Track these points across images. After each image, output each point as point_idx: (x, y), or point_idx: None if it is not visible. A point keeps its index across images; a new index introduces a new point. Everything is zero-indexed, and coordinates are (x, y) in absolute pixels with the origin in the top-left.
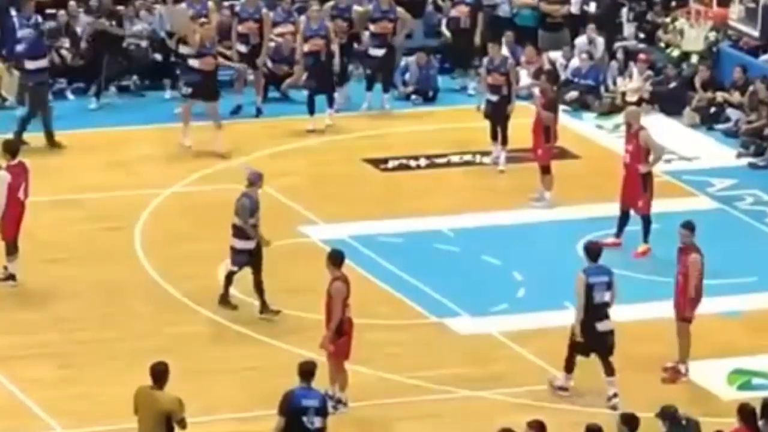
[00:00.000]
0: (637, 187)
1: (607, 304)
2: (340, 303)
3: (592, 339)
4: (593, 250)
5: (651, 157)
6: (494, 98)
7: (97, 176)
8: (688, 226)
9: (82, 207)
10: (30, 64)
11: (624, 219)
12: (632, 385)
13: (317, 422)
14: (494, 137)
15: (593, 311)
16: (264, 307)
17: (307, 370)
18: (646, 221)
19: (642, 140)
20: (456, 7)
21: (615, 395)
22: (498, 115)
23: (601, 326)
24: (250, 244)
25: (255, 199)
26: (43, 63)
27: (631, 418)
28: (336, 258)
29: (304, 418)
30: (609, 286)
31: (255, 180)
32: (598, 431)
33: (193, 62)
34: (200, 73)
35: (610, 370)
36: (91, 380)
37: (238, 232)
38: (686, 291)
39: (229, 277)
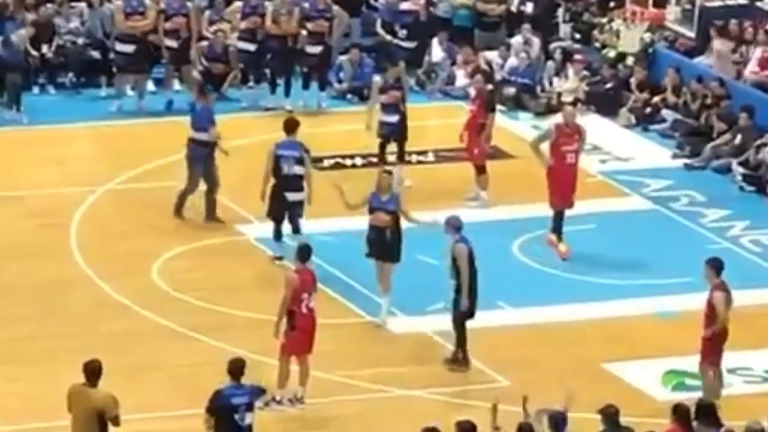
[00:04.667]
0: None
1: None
2: (288, 294)
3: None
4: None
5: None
6: (394, 118)
7: (32, 173)
8: (710, 263)
9: (18, 203)
10: None
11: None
12: (571, 382)
13: (248, 417)
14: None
15: None
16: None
17: (236, 368)
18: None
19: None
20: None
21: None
22: (398, 133)
23: None
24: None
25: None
26: None
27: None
28: (300, 250)
29: (236, 416)
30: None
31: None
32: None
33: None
34: None
35: None
36: (25, 377)
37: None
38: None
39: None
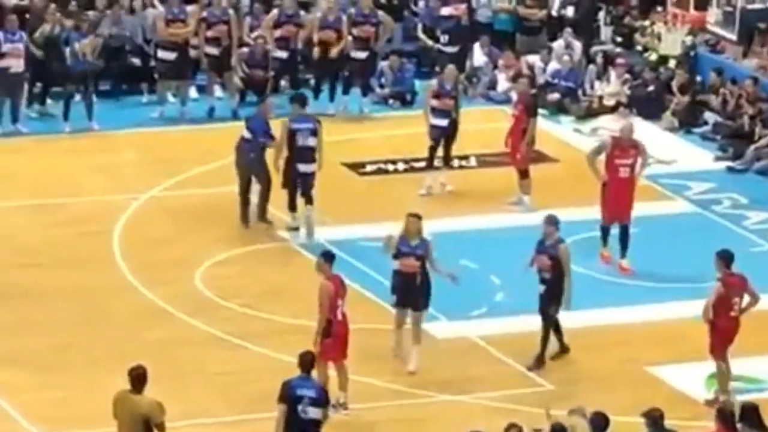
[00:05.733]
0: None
1: None
2: (325, 303)
3: None
4: None
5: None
6: (444, 122)
7: (75, 180)
8: (720, 255)
9: (61, 211)
10: None
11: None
12: (613, 387)
13: (311, 412)
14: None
15: None
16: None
17: (305, 361)
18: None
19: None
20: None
21: None
22: (447, 137)
23: None
24: None
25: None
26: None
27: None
28: (327, 257)
29: (299, 407)
30: None
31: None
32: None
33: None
34: None
35: None
36: (70, 385)
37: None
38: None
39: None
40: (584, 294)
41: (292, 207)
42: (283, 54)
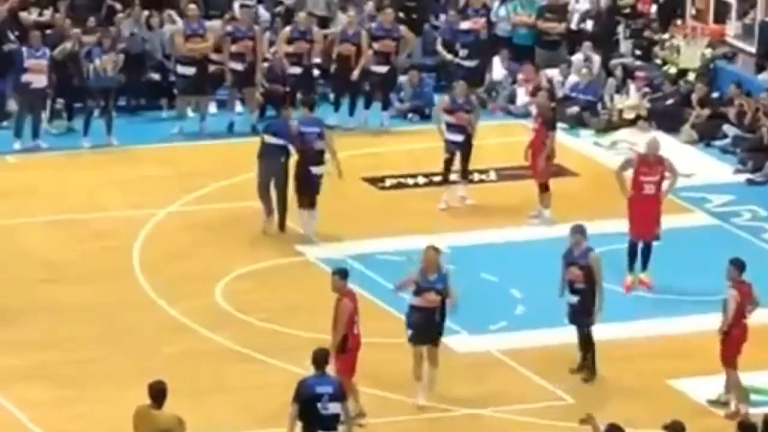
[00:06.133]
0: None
1: None
2: (343, 320)
3: None
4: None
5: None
6: (460, 137)
7: (95, 195)
8: (734, 263)
9: (82, 226)
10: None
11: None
12: (635, 400)
13: (332, 408)
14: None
15: None
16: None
17: (320, 357)
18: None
19: (668, 167)
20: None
21: None
22: (463, 152)
23: None
24: None
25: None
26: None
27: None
28: (343, 274)
29: (318, 405)
30: None
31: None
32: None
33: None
34: None
35: None
36: (90, 400)
37: None
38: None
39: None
40: (604, 307)
41: (302, 205)
42: (296, 70)
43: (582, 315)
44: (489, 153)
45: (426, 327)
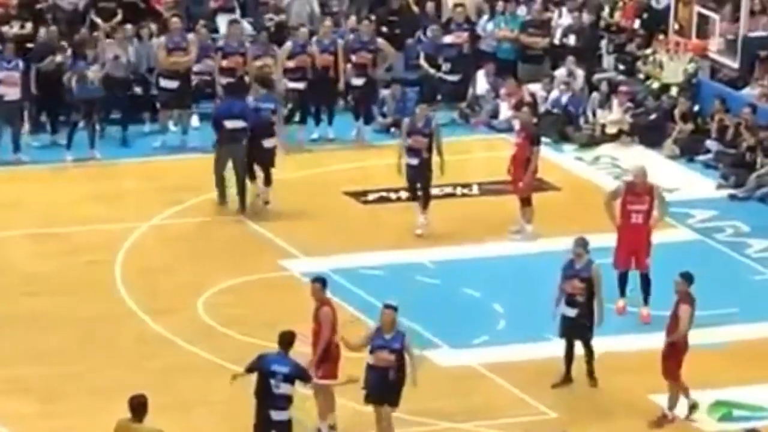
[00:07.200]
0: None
1: None
2: (329, 328)
3: None
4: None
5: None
6: (415, 161)
7: (77, 209)
8: (684, 276)
9: (63, 240)
10: None
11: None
12: (615, 414)
13: (283, 388)
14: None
15: None
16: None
17: (284, 339)
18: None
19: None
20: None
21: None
22: (421, 177)
23: None
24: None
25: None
26: None
27: None
28: (323, 282)
29: (272, 381)
30: None
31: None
32: None
33: None
34: None
35: None
36: (71, 414)
37: None
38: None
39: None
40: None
41: (253, 177)
42: (299, 85)
43: (581, 328)
44: (472, 167)
45: (379, 386)
